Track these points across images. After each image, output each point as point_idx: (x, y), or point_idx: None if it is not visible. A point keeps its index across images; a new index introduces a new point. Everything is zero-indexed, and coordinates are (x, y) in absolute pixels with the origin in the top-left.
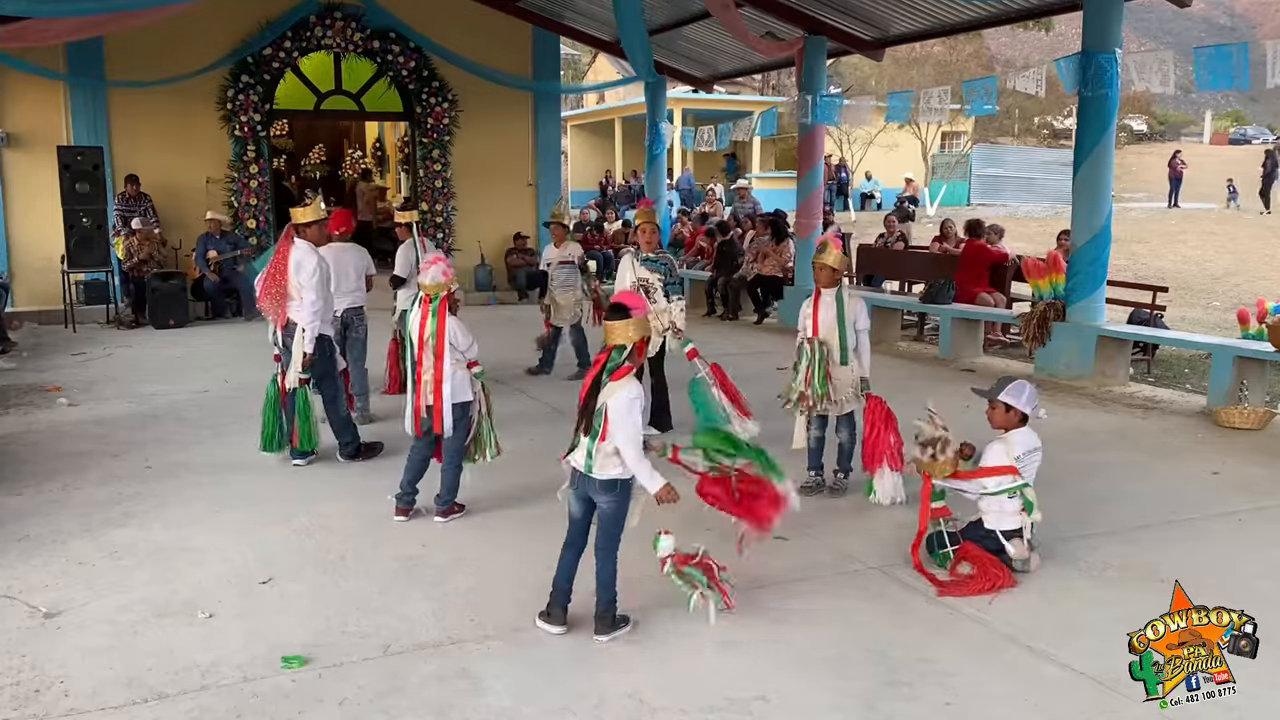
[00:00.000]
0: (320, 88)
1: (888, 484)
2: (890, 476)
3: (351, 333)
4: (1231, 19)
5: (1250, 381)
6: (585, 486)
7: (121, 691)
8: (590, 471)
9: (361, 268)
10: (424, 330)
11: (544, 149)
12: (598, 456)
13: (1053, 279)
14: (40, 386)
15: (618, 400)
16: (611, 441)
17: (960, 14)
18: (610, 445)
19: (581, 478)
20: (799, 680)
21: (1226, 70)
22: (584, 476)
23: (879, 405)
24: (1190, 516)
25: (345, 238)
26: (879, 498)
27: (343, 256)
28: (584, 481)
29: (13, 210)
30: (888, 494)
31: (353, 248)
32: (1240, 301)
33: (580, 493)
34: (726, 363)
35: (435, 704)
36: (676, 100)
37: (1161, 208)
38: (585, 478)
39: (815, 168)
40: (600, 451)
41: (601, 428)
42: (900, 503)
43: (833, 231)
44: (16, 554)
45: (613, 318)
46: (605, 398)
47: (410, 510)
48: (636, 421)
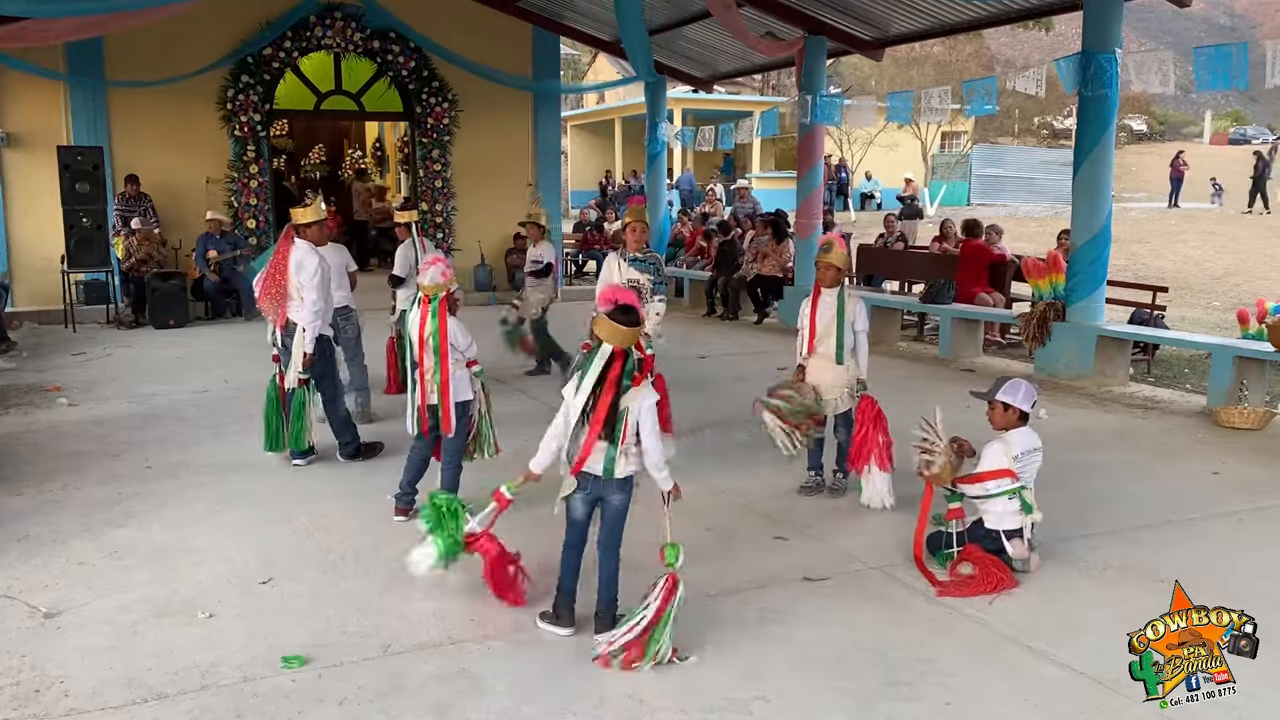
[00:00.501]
0: (320, 88)
1: (877, 485)
2: (880, 477)
3: (340, 334)
4: (1231, 19)
5: (1250, 381)
6: (599, 490)
7: (121, 691)
8: (610, 476)
9: (342, 266)
10: (424, 330)
11: (544, 149)
12: (619, 460)
13: (1053, 279)
14: (40, 386)
15: (644, 404)
16: (634, 444)
17: (960, 14)
18: (632, 447)
19: (597, 482)
20: (799, 680)
21: (1226, 70)
22: (600, 480)
23: (869, 405)
24: (1190, 516)
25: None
26: (867, 499)
27: (330, 257)
28: (599, 485)
29: (13, 210)
30: (878, 496)
31: (334, 247)
32: (1240, 301)
33: (591, 496)
34: (726, 362)
35: (435, 704)
36: (676, 100)
37: (1161, 208)
38: (602, 481)
39: (815, 168)
40: (621, 454)
41: (622, 433)
42: (890, 507)
43: (836, 231)
44: (16, 554)
45: (622, 320)
46: (628, 403)
47: (410, 510)
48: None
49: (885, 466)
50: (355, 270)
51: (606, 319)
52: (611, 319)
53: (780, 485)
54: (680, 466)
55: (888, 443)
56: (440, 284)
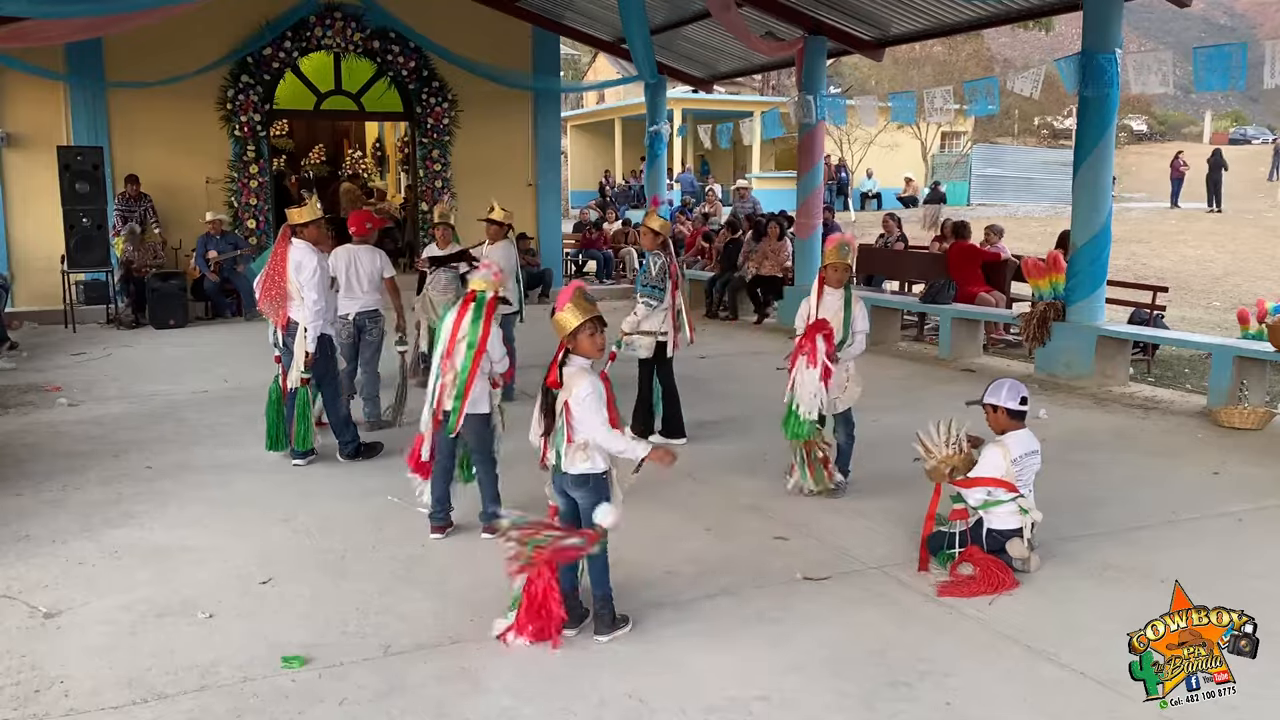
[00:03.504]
0: (320, 88)
1: (807, 389)
2: (809, 379)
3: (365, 335)
4: (1231, 19)
5: (1250, 381)
6: (561, 482)
7: (121, 691)
8: (561, 467)
9: (376, 270)
10: (458, 331)
11: (544, 149)
12: (566, 452)
13: (1053, 279)
14: (40, 386)
15: (577, 394)
16: (579, 437)
17: (960, 14)
18: (577, 441)
19: (557, 473)
20: (799, 680)
21: (1225, 70)
22: (558, 472)
23: (823, 324)
24: (1190, 516)
25: (365, 239)
26: (797, 406)
27: (359, 258)
28: (559, 477)
29: (13, 210)
30: (807, 405)
31: (368, 249)
32: (1240, 301)
33: (558, 487)
34: (726, 362)
35: (435, 704)
36: (676, 100)
37: (1161, 208)
38: (560, 473)
39: (815, 168)
40: (569, 448)
41: (565, 425)
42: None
43: (849, 233)
44: (16, 554)
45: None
46: (564, 395)
47: (447, 526)
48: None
49: (815, 364)
50: (393, 276)
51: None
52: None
53: (780, 485)
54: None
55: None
56: (492, 283)
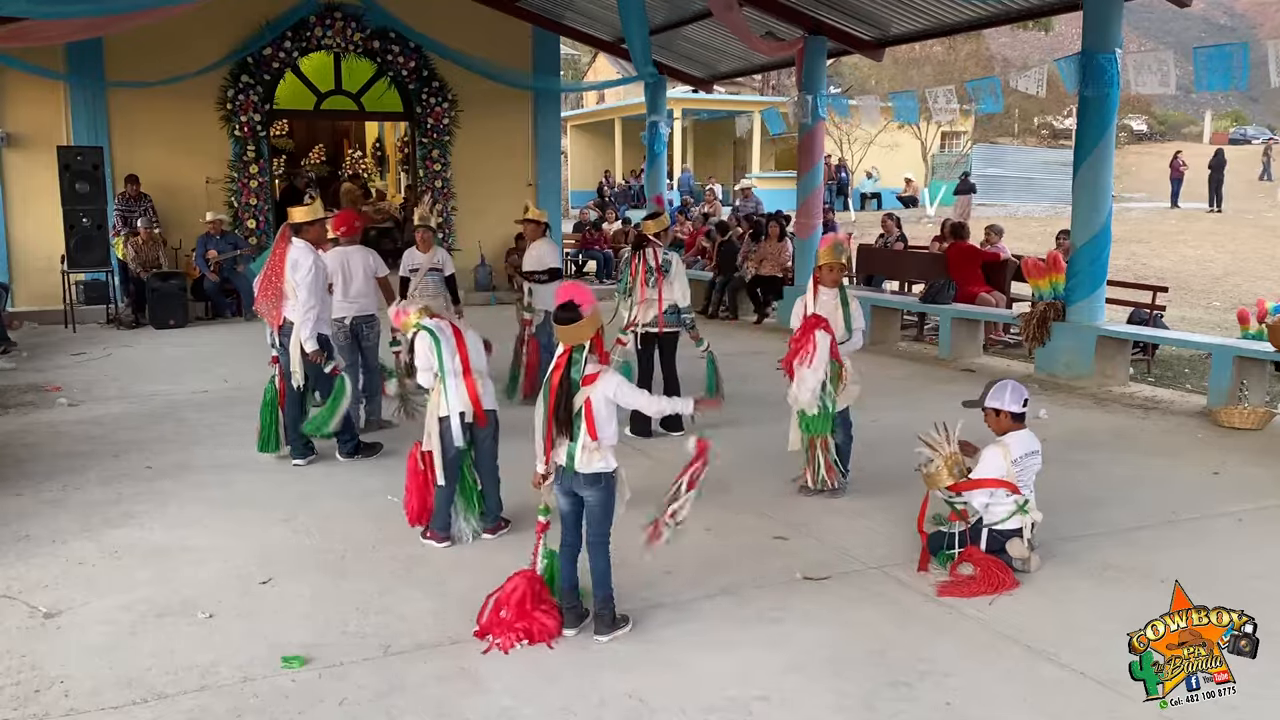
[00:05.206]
0: (320, 88)
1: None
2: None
3: (362, 340)
4: (1231, 19)
5: (1250, 381)
6: (570, 482)
7: (121, 691)
8: (574, 468)
9: (370, 270)
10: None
11: (544, 149)
12: (581, 454)
13: (1053, 279)
14: (40, 386)
15: (605, 393)
16: (600, 438)
17: (960, 14)
18: (595, 442)
19: (566, 474)
20: (799, 680)
21: (1226, 70)
22: (568, 473)
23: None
24: (1190, 516)
25: (351, 239)
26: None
27: (351, 259)
28: (569, 478)
29: (13, 210)
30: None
31: (359, 249)
32: (1240, 301)
33: (565, 488)
34: (726, 362)
35: (435, 704)
36: (676, 100)
37: (1161, 208)
38: (570, 474)
39: (815, 168)
40: (584, 449)
41: (585, 429)
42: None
43: (844, 233)
44: (16, 554)
45: (563, 319)
46: (581, 400)
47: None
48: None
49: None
50: (387, 275)
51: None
52: (556, 319)
53: (779, 485)
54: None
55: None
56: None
